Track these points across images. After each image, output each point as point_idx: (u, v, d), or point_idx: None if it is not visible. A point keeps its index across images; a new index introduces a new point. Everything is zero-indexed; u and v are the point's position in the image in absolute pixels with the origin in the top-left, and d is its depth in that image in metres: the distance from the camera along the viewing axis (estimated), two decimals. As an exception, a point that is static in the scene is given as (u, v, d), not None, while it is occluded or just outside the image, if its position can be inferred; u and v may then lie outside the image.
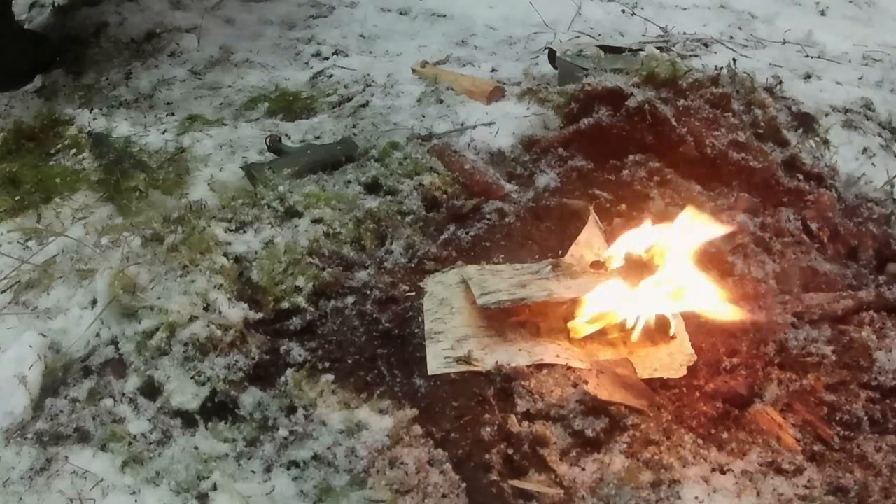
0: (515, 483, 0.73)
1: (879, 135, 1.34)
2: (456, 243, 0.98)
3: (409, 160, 1.10)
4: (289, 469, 0.75)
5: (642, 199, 0.95)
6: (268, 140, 1.19)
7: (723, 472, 0.73)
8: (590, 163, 1.07)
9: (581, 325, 0.85)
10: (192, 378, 0.81)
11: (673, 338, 0.86)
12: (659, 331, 0.85)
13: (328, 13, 1.70)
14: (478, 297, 0.86)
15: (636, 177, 1.02)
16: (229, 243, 0.94)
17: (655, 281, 0.83)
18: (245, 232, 0.96)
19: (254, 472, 0.75)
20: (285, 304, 0.88)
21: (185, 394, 0.80)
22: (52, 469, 0.77)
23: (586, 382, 0.79)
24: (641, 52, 1.44)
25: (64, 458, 0.77)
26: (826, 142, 1.20)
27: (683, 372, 0.81)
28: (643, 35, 1.64)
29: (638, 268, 0.85)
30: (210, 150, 1.23)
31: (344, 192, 1.04)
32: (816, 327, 0.86)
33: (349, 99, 1.39)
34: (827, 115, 1.35)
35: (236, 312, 0.86)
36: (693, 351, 0.84)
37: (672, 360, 0.83)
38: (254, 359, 0.83)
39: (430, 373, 0.82)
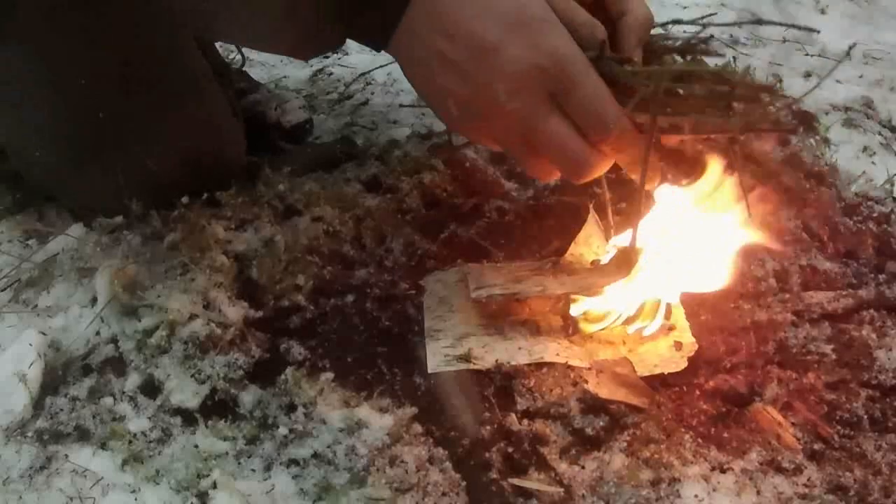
0: (515, 481, 0.73)
1: (880, 133, 1.34)
2: (456, 241, 0.98)
3: (409, 158, 1.10)
4: (289, 467, 0.75)
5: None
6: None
7: (723, 471, 0.73)
8: (590, 161, 1.06)
9: (584, 324, 0.86)
10: (192, 376, 0.81)
11: (672, 328, 0.86)
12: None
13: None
14: (472, 290, 0.86)
15: (636, 175, 1.01)
16: (229, 242, 0.94)
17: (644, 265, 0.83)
18: (245, 230, 0.96)
19: (254, 470, 0.75)
20: (285, 303, 0.88)
21: (184, 392, 0.80)
22: (52, 467, 0.76)
23: (586, 381, 0.79)
24: (641, 51, 1.44)
25: (64, 457, 0.77)
26: (826, 140, 1.20)
27: (685, 364, 0.81)
28: (643, 34, 1.63)
29: (626, 257, 0.84)
30: (210, 148, 1.23)
31: (344, 191, 1.04)
32: (816, 326, 0.86)
33: (349, 97, 1.39)
34: (827, 113, 1.36)
35: (236, 311, 0.86)
36: (694, 339, 0.84)
37: (672, 353, 0.83)
38: (254, 357, 0.83)
39: (429, 371, 0.82)
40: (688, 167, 0.79)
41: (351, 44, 1.57)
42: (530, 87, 0.71)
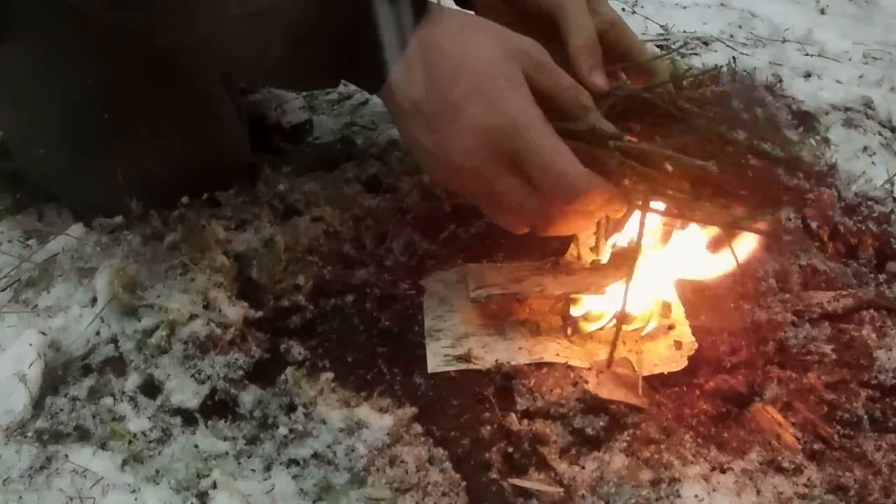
0: (515, 481, 0.73)
1: (879, 133, 1.34)
2: (456, 241, 0.98)
3: (409, 158, 1.10)
4: (289, 467, 0.75)
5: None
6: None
7: (723, 471, 0.73)
8: (590, 161, 1.06)
9: (583, 323, 0.86)
10: (192, 376, 0.81)
11: (672, 327, 0.86)
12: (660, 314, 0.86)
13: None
14: (471, 290, 0.86)
15: (636, 175, 1.01)
16: (229, 242, 0.94)
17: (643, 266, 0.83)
18: (245, 230, 0.96)
19: (254, 470, 0.75)
20: (285, 303, 0.88)
21: (184, 392, 0.80)
22: (52, 467, 0.77)
23: (586, 381, 0.79)
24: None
25: (64, 457, 0.77)
26: (826, 140, 1.20)
27: (685, 363, 0.81)
28: (643, 33, 1.64)
29: (624, 257, 0.85)
30: (210, 147, 1.23)
31: (344, 191, 1.04)
32: (816, 326, 0.86)
33: (349, 97, 1.39)
34: (827, 113, 1.35)
35: (236, 311, 0.86)
36: (694, 338, 0.84)
37: (672, 353, 0.83)
38: (254, 357, 0.83)
39: (429, 371, 0.82)
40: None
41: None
42: (485, 146, 0.72)
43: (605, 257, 0.88)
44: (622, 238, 0.86)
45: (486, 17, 0.84)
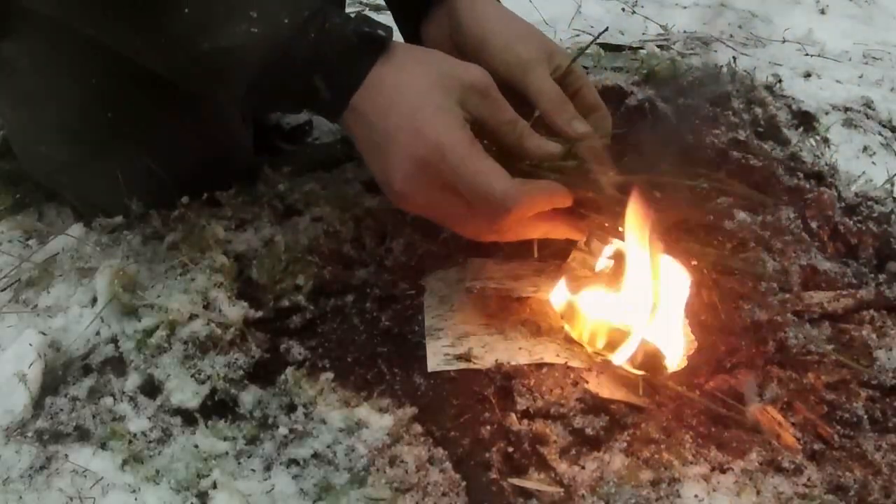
0: (515, 481, 0.73)
1: (880, 133, 1.34)
2: (456, 241, 0.97)
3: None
4: (289, 467, 0.75)
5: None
6: (268, 138, 1.19)
7: (723, 471, 0.73)
8: (590, 161, 1.06)
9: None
10: (192, 376, 0.81)
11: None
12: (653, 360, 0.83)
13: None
14: (468, 281, 0.87)
15: (636, 175, 1.01)
16: (229, 241, 0.94)
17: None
18: (245, 230, 0.96)
19: (254, 470, 0.75)
20: (285, 303, 0.88)
21: (185, 392, 0.80)
22: (52, 467, 0.77)
23: (587, 381, 0.79)
24: (641, 51, 1.44)
25: (64, 457, 0.77)
26: (826, 140, 1.20)
27: (684, 363, 0.81)
28: (643, 33, 1.64)
29: (623, 264, 0.85)
30: (210, 147, 1.22)
31: (344, 191, 1.04)
32: (816, 326, 0.86)
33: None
34: (827, 113, 1.36)
35: (236, 311, 0.86)
36: (693, 337, 0.84)
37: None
38: (254, 357, 0.83)
39: (429, 370, 0.82)
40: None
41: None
42: (418, 173, 0.76)
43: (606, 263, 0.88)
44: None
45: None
